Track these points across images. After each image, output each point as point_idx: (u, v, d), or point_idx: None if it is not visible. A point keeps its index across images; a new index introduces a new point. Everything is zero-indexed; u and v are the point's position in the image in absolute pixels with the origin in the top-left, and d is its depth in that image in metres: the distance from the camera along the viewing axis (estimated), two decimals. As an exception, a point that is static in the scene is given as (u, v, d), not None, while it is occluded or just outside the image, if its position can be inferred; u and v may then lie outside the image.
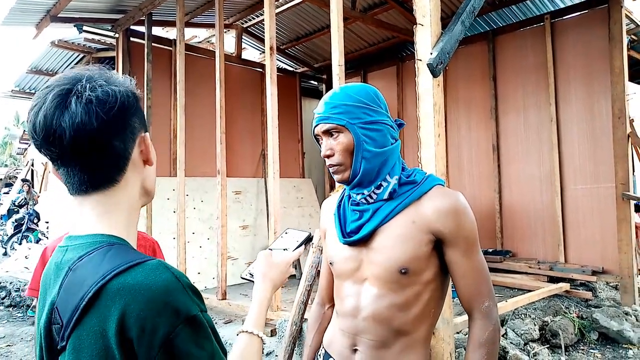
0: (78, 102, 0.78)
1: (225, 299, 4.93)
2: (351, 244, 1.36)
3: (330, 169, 1.36)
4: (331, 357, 1.42)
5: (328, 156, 1.33)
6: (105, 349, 0.71)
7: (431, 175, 1.37)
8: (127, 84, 0.87)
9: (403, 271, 1.27)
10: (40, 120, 0.78)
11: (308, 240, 1.27)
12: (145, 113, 6.01)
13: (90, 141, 0.79)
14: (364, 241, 1.34)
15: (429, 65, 2.64)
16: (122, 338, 0.70)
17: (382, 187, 1.32)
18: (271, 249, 1.25)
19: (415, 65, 2.73)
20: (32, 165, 15.96)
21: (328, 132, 1.32)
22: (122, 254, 0.78)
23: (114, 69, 6.84)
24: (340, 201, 1.45)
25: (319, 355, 1.50)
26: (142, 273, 0.74)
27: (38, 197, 11.94)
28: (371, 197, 1.33)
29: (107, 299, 0.72)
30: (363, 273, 1.35)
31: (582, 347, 4.48)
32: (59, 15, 5.61)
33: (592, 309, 4.92)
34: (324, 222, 1.54)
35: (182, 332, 0.72)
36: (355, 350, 1.36)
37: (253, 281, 1.17)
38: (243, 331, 1.02)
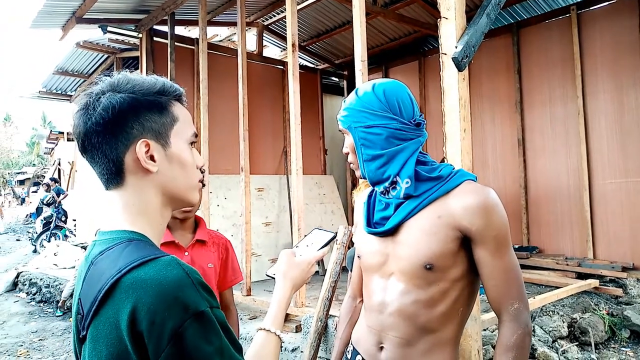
0: (77, 108, 0.88)
1: (250, 295, 4.97)
2: (377, 235, 1.37)
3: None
4: (359, 354, 1.42)
5: (347, 154, 1.41)
6: (119, 339, 0.75)
7: (461, 170, 1.34)
8: (135, 89, 0.88)
9: (428, 267, 1.25)
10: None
11: (332, 240, 1.27)
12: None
13: (81, 142, 0.88)
14: (390, 235, 1.34)
15: (454, 59, 2.60)
16: (133, 330, 0.73)
17: (396, 188, 1.32)
18: (296, 247, 1.26)
19: (440, 59, 2.70)
20: (59, 164, 16.31)
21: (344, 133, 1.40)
22: (138, 249, 0.82)
23: (137, 68, 6.95)
24: (372, 192, 1.47)
25: (348, 351, 1.50)
26: (154, 268, 0.76)
27: (65, 195, 12.19)
28: (388, 192, 1.35)
29: (122, 292, 0.75)
30: (389, 267, 1.35)
31: (613, 345, 4.38)
32: (84, 17, 5.71)
33: (623, 306, 4.80)
34: (356, 216, 1.56)
35: (191, 327, 0.73)
36: (382, 347, 1.35)
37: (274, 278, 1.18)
38: (261, 329, 1.05)
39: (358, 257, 1.47)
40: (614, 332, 4.49)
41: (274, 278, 1.19)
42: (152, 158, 0.89)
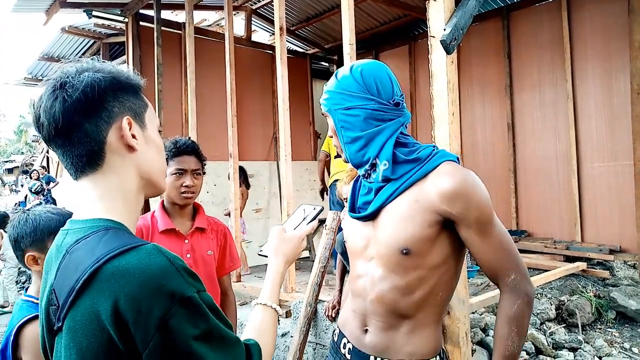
0: (49, 89, 0.85)
1: (240, 281, 4.97)
2: (359, 220, 1.38)
3: None
4: (345, 336, 1.43)
5: (331, 137, 1.42)
6: (100, 329, 0.73)
7: (441, 151, 1.32)
8: (109, 70, 0.89)
9: (405, 251, 1.25)
10: (32, 111, 0.87)
11: (319, 213, 1.28)
12: (155, 98, 6.01)
13: (56, 124, 0.84)
14: (372, 219, 1.34)
15: (442, 42, 2.57)
16: (117, 320, 0.72)
17: (376, 171, 1.32)
18: (285, 224, 1.28)
19: (428, 42, 2.67)
20: (47, 152, 16.14)
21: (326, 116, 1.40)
22: (117, 238, 0.80)
23: (124, 54, 6.84)
24: (358, 176, 1.47)
25: (334, 334, 1.51)
26: (136, 257, 0.75)
27: (56, 183, 12.09)
28: (370, 175, 1.35)
29: (102, 281, 0.74)
30: (370, 252, 1.36)
31: (599, 326, 4.44)
32: (68, 1, 5.59)
33: (610, 287, 4.86)
34: (347, 202, 1.56)
35: (177, 312, 0.73)
36: (366, 330, 1.37)
37: (267, 256, 1.20)
38: (258, 303, 1.07)
39: (345, 241, 1.48)
40: (600, 314, 4.55)
41: (264, 256, 1.20)
42: (133, 136, 0.90)
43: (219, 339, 0.79)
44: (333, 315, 3.41)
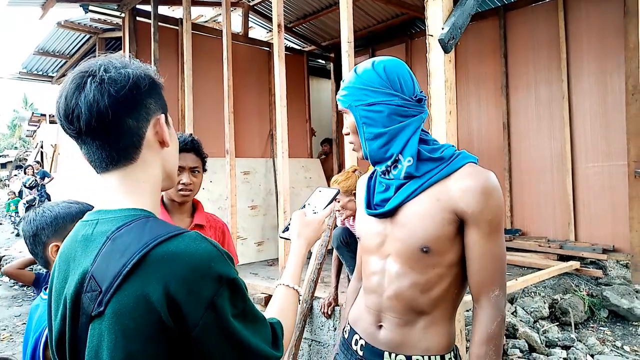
0: (92, 82, 0.85)
1: (236, 278, 4.97)
2: (376, 217, 1.37)
3: None
4: (356, 333, 1.42)
5: (347, 134, 1.38)
6: (149, 311, 0.76)
7: (463, 152, 1.33)
8: (144, 68, 0.93)
9: (425, 250, 1.25)
10: (62, 102, 0.86)
11: (336, 196, 1.34)
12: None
13: (101, 117, 0.84)
14: (389, 216, 1.33)
15: (441, 41, 2.59)
16: (169, 301, 0.76)
17: (397, 167, 1.30)
18: (304, 208, 1.33)
19: (427, 40, 2.68)
20: (42, 147, 16.04)
21: (344, 113, 1.37)
22: (160, 225, 0.84)
23: (120, 49, 6.81)
24: (372, 174, 1.46)
25: (345, 330, 1.50)
26: (183, 242, 0.80)
27: (51, 179, 12.03)
28: (389, 172, 1.33)
29: (151, 265, 0.77)
30: (386, 249, 1.35)
31: (592, 325, 4.48)
32: (64, -5, 5.56)
33: (603, 287, 4.91)
34: (358, 199, 1.54)
35: (224, 292, 0.80)
36: (381, 326, 1.36)
37: (289, 239, 1.28)
38: (281, 284, 1.14)
39: (358, 238, 1.48)
40: (593, 312, 4.59)
41: (287, 239, 1.28)
42: None
43: (252, 317, 0.87)
44: (329, 312, 3.42)
